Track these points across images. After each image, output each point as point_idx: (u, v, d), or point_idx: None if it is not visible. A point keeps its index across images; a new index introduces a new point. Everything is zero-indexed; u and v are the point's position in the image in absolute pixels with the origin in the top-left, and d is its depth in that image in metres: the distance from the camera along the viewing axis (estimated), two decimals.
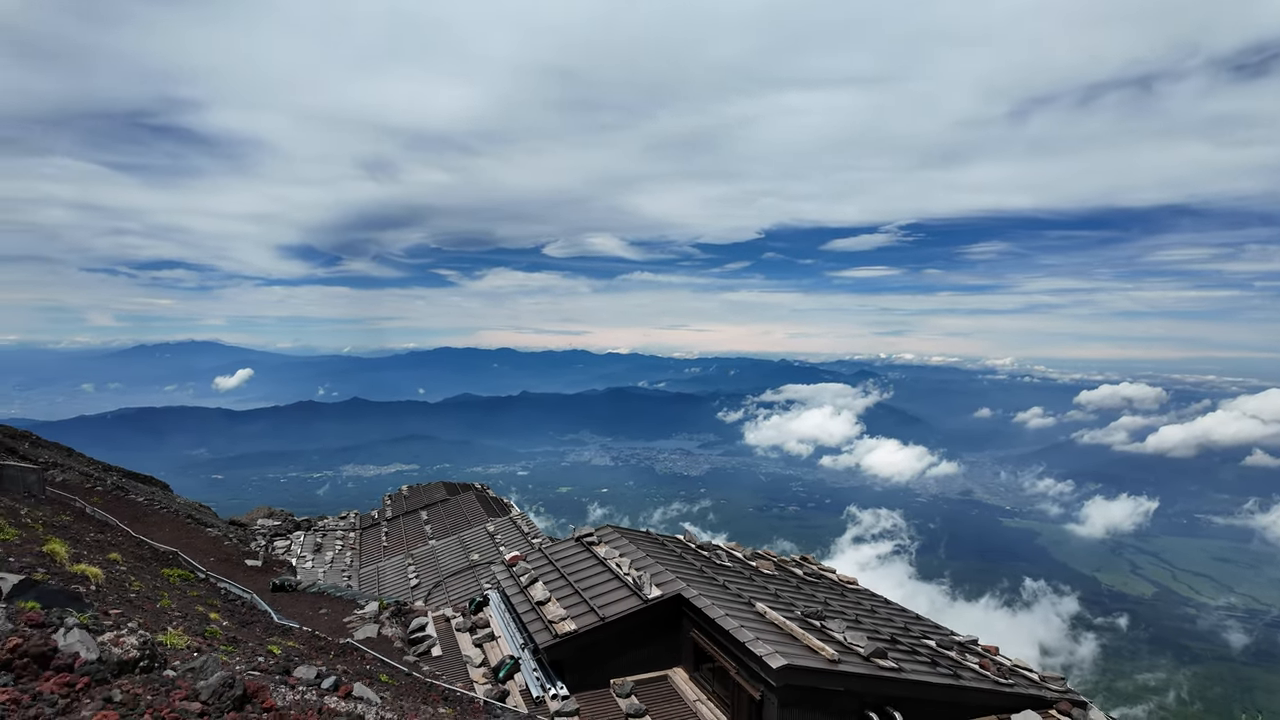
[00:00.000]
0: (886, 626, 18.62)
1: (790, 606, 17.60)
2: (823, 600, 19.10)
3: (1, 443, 34.52)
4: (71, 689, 3.00)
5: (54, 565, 12.00)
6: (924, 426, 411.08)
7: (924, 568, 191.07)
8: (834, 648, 14.59)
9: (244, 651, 8.32)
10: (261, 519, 48.31)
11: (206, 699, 3.34)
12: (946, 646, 18.01)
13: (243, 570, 23.42)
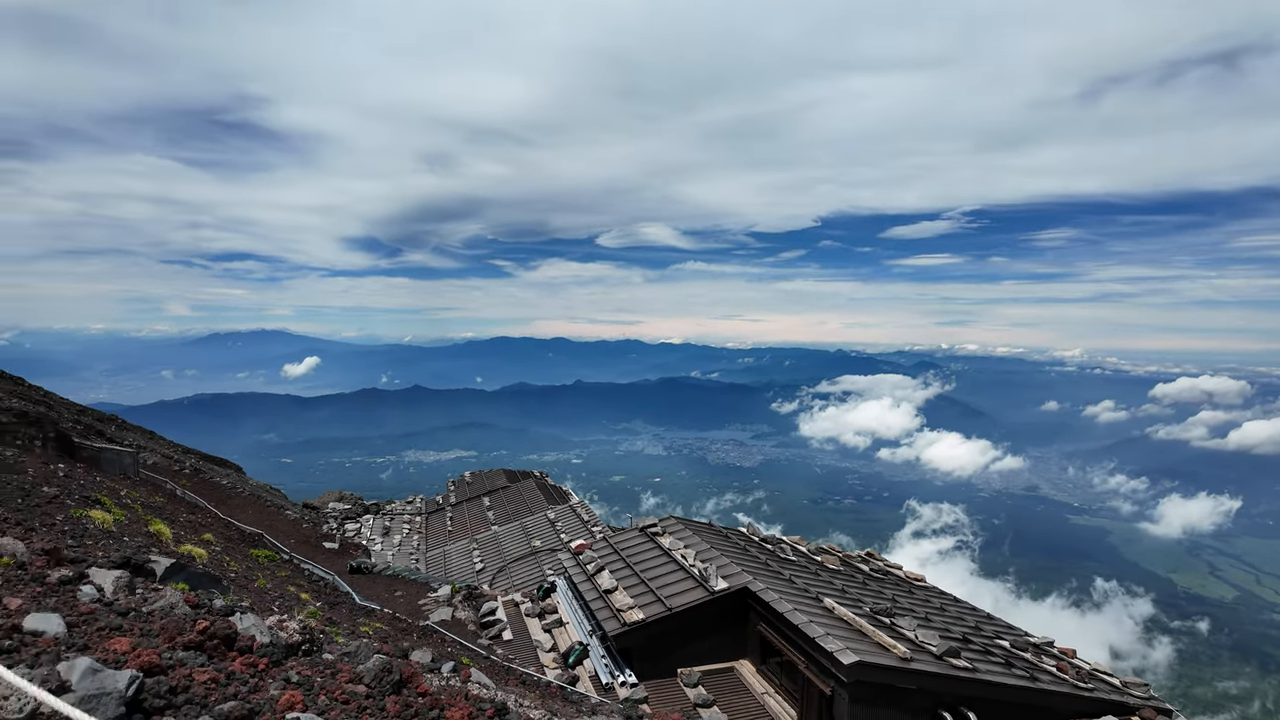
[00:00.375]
0: (957, 625, 18.27)
1: (858, 603, 17.44)
2: (890, 597, 18.85)
3: (91, 425, 36.82)
4: (255, 669, 3.27)
5: (162, 545, 12.82)
6: (987, 419, 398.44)
7: (987, 565, 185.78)
8: (905, 645, 14.41)
9: (343, 633, 8.77)
10: (333, 502, 50.32)
11: (369, 682, 3.60)
12: (1021, 648, 17.58)
13: (321, 552, 24.48)
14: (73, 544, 9.16)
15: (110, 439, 36.40)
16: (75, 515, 12.08)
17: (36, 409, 33.05)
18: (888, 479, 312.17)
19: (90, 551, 8.66)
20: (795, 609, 15.19)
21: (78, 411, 39.20)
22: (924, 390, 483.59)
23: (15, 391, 35.23)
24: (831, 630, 14.41)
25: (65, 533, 9.72)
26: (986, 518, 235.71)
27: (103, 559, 4.66)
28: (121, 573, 3.71)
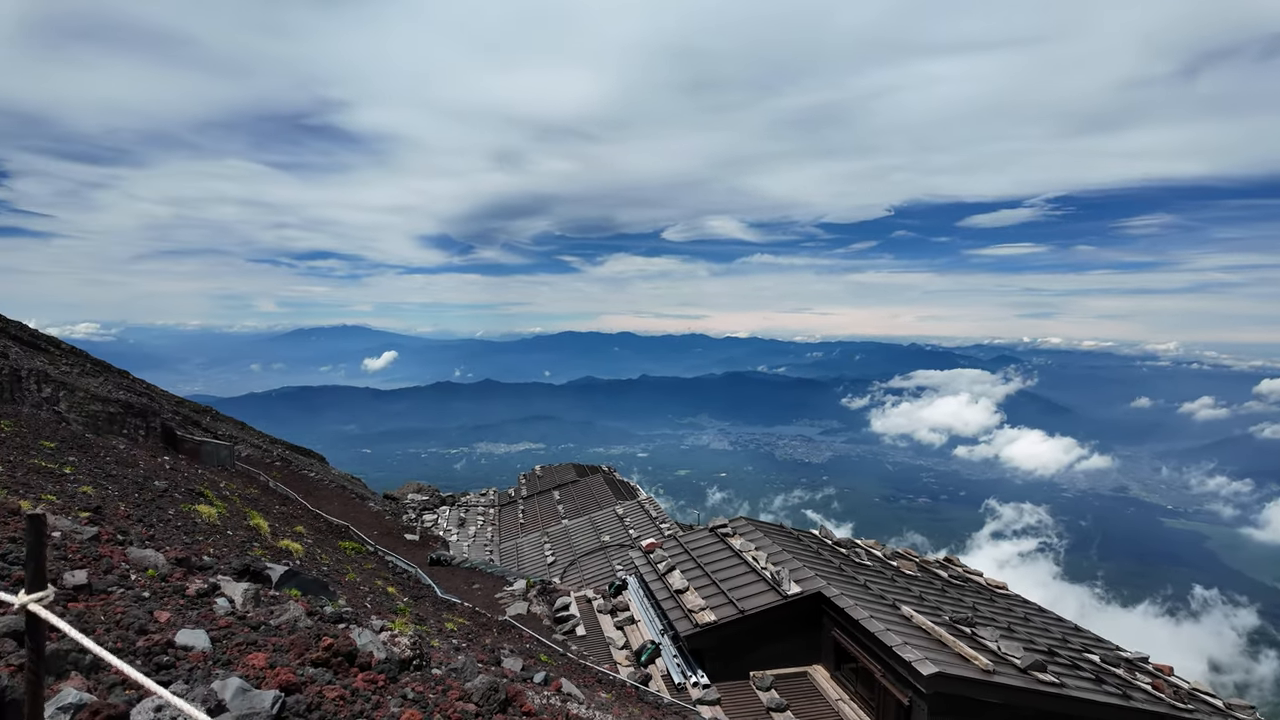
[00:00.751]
0: (1043, 637, 17.56)
1: (936, 611, 16.99)
2: (970, 605, 18.28)
3: (189, 416, 39.34)
4: (375, 686, 3.51)
5: (261, 538, 13.65)
6: (1072, 416, 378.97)
7: (1072, 568, 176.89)
8: (987, 657, 13.97)
9: (431, 630, 9.16)
10: (411, 494, 52.22)
11: (478, 700, 3.80)
12: (1112, 663, 16.77)
13: (403, 544, 25.49)
14: (185, 540, 9.88)
15: (206, 429, 38.89)
16: (184, 510, 12.99)
17: (140, 400, 35.61)
18: (964, 477, 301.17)
19: (202, 549, 9.32)
20: (871, 616, 14.92)
21: (176, 403, 42.01)
22: (1004, 385, 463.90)
23: (122, 384, 38.05)
24: (909, 639, 14.10)
25: (179, 529, 10.48)
26: (1072, 519, 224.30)
27: (225, 566, 5.06)
28: (249, 585, 4.03)
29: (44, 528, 1.86)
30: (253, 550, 10.57)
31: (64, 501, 8.89)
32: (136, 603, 3.31)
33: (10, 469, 10.52)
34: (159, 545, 5.11)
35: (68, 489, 10.56)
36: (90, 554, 3.80)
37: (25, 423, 19.82)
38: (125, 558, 3.96)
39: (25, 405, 30.12)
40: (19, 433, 17.06)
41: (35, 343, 36.34)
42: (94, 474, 14.50)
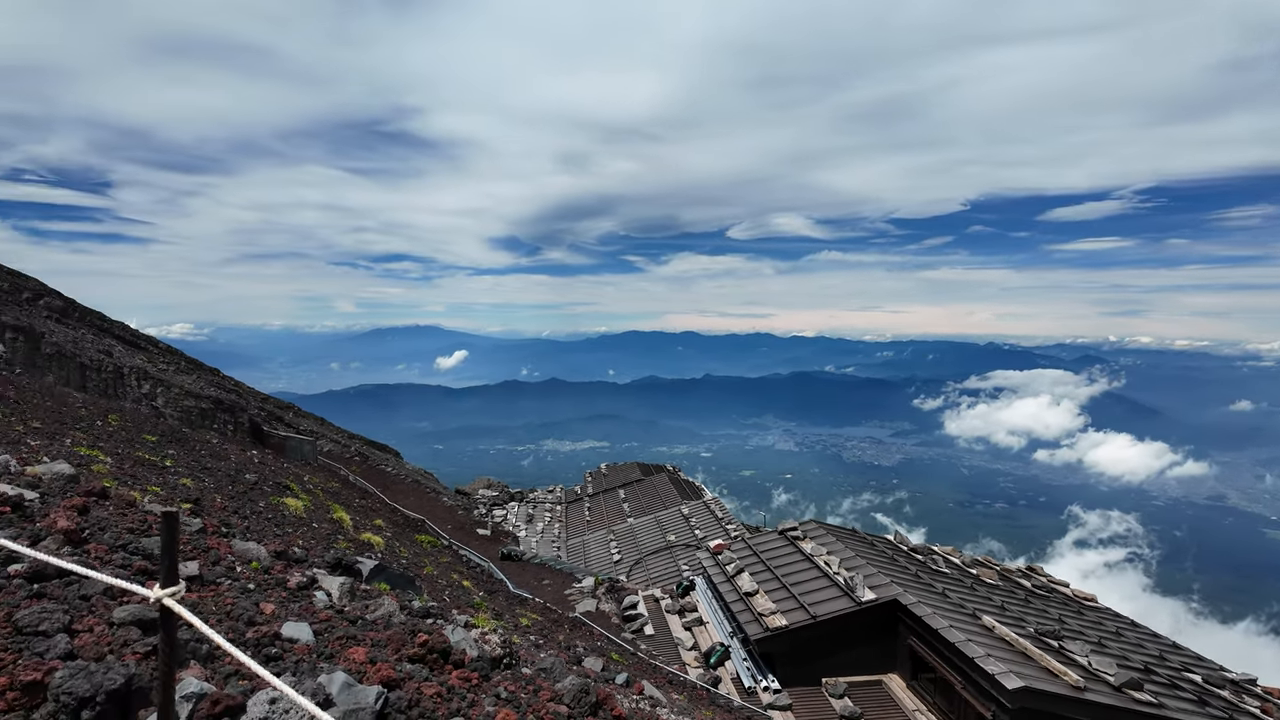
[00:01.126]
0: (1136, 653, 16.56)
1: (1020, 622, 16.24)
2: (1056, 617, 17.39)
3: (273, 412, 41.34)
4: (470, 684, 3.59)
5: (344, 531, 14.20)
6: (1163, 420, 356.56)
7: (1165, 581, 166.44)
8: (1077, 672, 13.25)
9: (507, 625, 9.32)
10: (482, 489, 53.49)
11: (569, 702, 3.84)
12: (1216, 684, 15.68)
13: (475, 538, 26.09)
14: (277, 531, 10.35)
15: (289, 425, 40.79)
16: (273, 502, 13.63)
17: (229, 396, 37.64)
18: (1044, 482, 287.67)
19: (292, 540, 9.73)
20: (951, 626, 14.38)
21: (262, 399, 44.26)
22: (1088, 387, 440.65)
23: (213, 381, 40.32)
24: (992, 651, 13.52)
25: (269, 520, 11.00)
26: (1165, 528, 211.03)
27: (318, 559, 5.27)
28: (344, 579, 4.17)
29: (177, 525, 1.94)
30: (338, 543, 10.98)
31: (167, 493, 9.43)
32: (243, 595, 3.46)
33: (119, 461, 11.23)
34: (259, 538, 5.34)
35: (169, 481, 11.21)
36: (199, 546, 4.00)
37: (129, 417, 21.14)
38: (230, 550, 4.15)
39: (127, 400, 32.25)
40: (124, 427, 18.19)
41: (136, 342, 38.91)
42: (191, 466, 15.36)
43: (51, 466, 4.78)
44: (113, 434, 15.76)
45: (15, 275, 34.93)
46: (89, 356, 32.09)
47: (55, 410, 16.45)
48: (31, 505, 3.37)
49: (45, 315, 33.72)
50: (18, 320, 30.16)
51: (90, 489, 3.97)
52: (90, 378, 31.32)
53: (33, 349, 27.44)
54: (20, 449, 8.58)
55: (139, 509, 4.20)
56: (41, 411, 15.37)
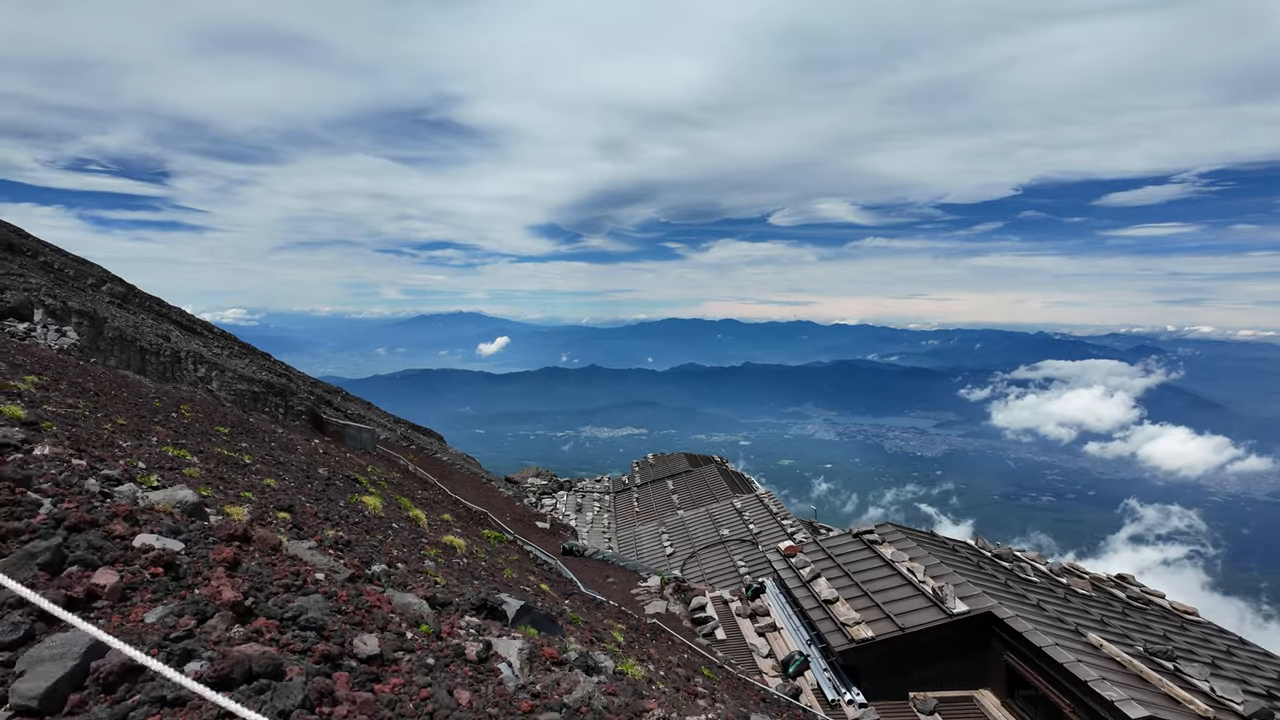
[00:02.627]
0: (1255, 675, 15.37)
1: (1124, 639, 15.20)
2: (1161, 634, 16.27)
3: (321, 396, 41.71)
4: None
5: (424, 532, 13.88)
6: (1225, 413, 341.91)
7: (1228, 580, 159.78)
8: (1202, 700, 12.24)
9: (588, 635, 8.81)
10: (531, 478, 53.58)
11: None
12: None
13: (535, 532, 25.83)
14: (372, 541, 9.99)
15: (337, 409, 41.18)
16: (352, 501, 13.37)
17: (280, 380, 38.08)
18: (1095, 476, 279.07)
19: (394, 557, 9.33)
20: (1057, 644, 13.45)
21: (311, 384, 44.78)
22: (1144, 378, 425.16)
23: (265, 365, 40.89)
24: (1105, 674, 12.58)
25: (356, 524, 10.67)
26: (1232, 525, 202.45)
27: (464, 602, 4.77)
28: (521, 644, 3.63)
29: None
30: (424, 549, 10.61)
31: (259, 498, 9.10)
32: (426, 673, 2.94)
33: (204, 460, 11.01)
34: (407, 585, 4.88)
35: (254, 482, 10.94)
36: (359, 603, 3.50)
37: (199, 407, 21.21)
38: (391, 607, 3.66)
39: (184, 383, 32.81)
40: (196, 418, 18.18)
41: (192, 327, 39.66)
42: (267, 462, 15.20)
43: (173, 494, 4.34)
44: (188, 427, 15.69)
45: (81, 262, 35.84)
46: (148, 341, 32.74)
47: (132, 402, 16.46)
48: (182, 563, 2.88)
49: (108, 301, 34.52)
50: (83, 306, 30.86)
51: (231, 532, 3.50)
52: (149, 362, 31.99)
53: (96, 334, 28.05)
54: (115, 451, 8.31)
55: (283, 554, 3.73)
56: (120, 404, 15.34)
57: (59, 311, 25.78)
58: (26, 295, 23.98)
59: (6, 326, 20.93)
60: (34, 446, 4.42)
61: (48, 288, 27.94)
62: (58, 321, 28.37)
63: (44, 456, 4.25)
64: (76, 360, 21.00)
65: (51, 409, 10.30)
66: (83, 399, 13.65)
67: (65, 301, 26.85)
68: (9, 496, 3.08)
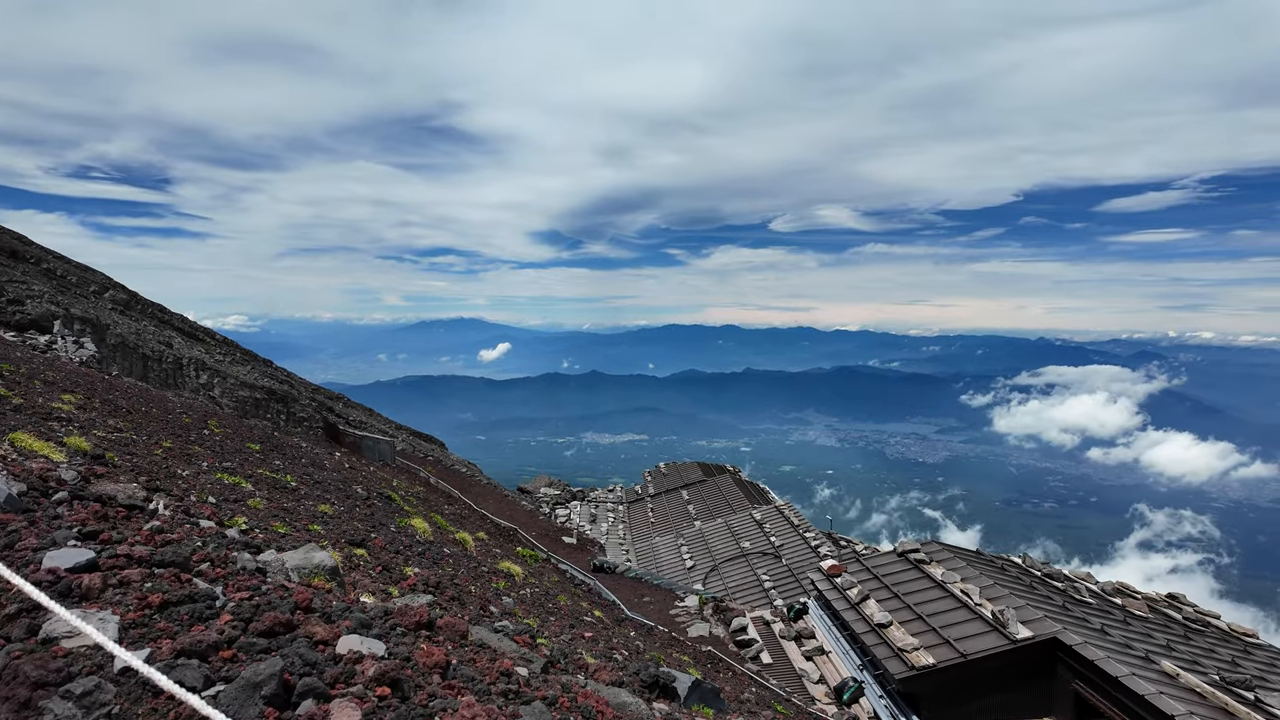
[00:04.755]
0: None
1: (1195, 665, 14.66)
2: (1230, 659, 15.74)
3: (323, 403, 41.15)
4: None
5: (473, 555, 13.36)
6: (1227, 419, 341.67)
7: (1239, 587, 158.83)
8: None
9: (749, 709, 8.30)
10: (544, 487, 52.94)
11: None
12: None
13: (562, 547, 25.29)
14: (453, 576, 9.47)
15: (338, 414, 40.69)
16: (402, 525, 12.86)
17: (282, 387, 37.58)
18: (1097, 482, 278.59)
19: (470, 595, 8.81)
20: (1133, 673, 12.92)
21: (312, 390, 44.20)
22: (1146, 384, 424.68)
23: (266, 372, 40.38)
24: (1190, 707, 12.05)
25: (420, 554, 10.16)
26: (1245, 532, 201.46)
27: (634, 681, 4.29)
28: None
29: None
30: (491, 580, 10.09)
31: (327, 530, 8.60)
32: None
33: (257, 485, 10.51)
34: (589, 669, 4.37)
35: (310, 509, 10.43)
36: (571, 698, 2.98)
37: (228, 423, 20.70)
38: (601, 701, 3.14)
39: (185, 390, 32.36)
40: (227, 435, 17.68)
41: (194, 334, 39.21)
42: (306, 481, 14.70)
43: (309, 557, 3.86)
44: (223, 445, 15.20)
45: (84, 269, 35.47)
46: (150, 348, 32.32)
47: (163, 419, 15.96)
48: (401, 677, 2.38)
49: (110, 308, 34.11)
50: (85, 313, 30.45)
51: (419, 620, 3.03)
52: (151, 369, 31.56)
53: (99, 341, 27.64)
54: (178, 483, 7.81)
55: (473, 643, 3.25)
56: (154, 422, 14.85)
57: (64, 318, 25.29)
58: (47, 308, 23.51)
59: (29, 339, 20.44)
60: (152, 500, 3.94)
61: (50, 294, 27.50)
62: (74, 333, 27.90)
63: (167, 519, 3.76)
64: (100, 374, 20.51)
65: (100, 434, 9.82)
66: (120, 418, 13.16)
67: (68, 309, 26.39)
68: (181, 591, 2.60)
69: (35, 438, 6.39)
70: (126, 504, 3.62)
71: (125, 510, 3.53)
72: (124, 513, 3.49)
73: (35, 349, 20.30)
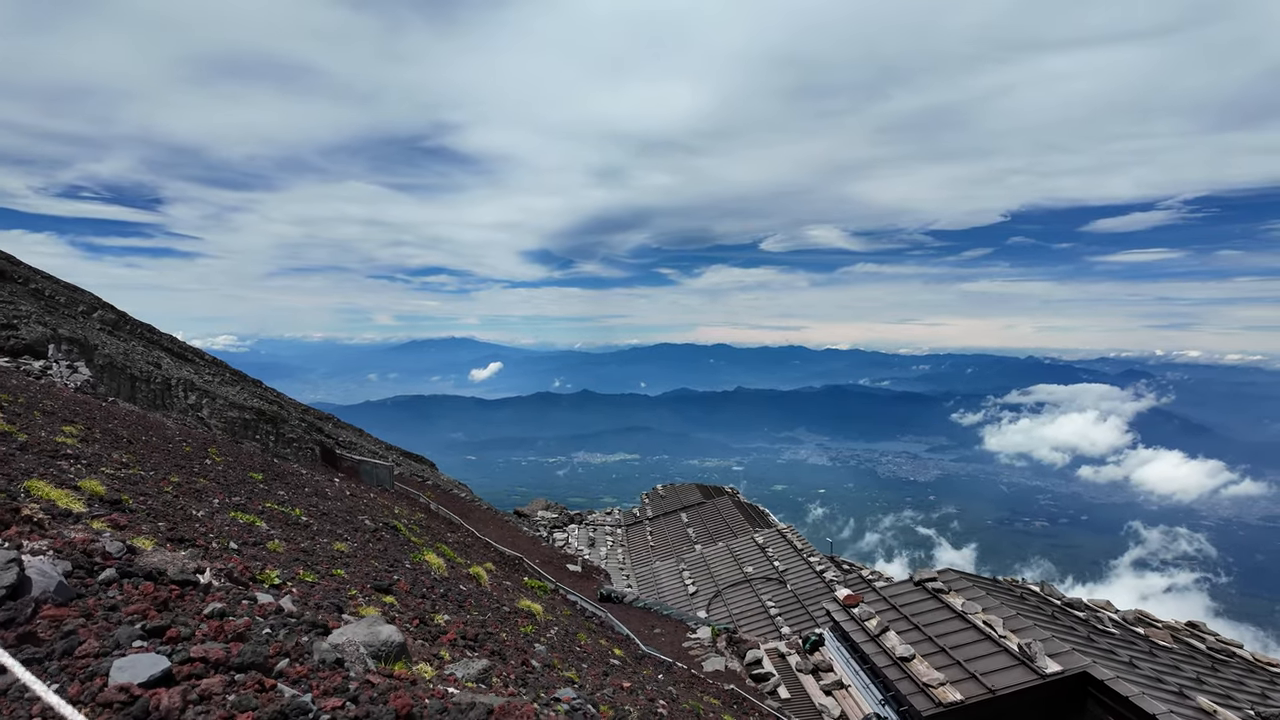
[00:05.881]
0: None
1: (1228, 699, 14.32)
2: (1259, 692, 15.40)
3: (313, 424, 40.48)
4: None
5: (488, 592, 12.89)
6: (1215, 437, 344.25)
7: (1238, 606, 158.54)
8: None
9: None
10: (541, 510, 52.25)
11: None
12: None
13: (568, 575, 24.73)
14: (471, 619, 9.02)
15: (328, 435, 40.03)
16: (415, 560, 12.39)
17: (271, 408, 36.96)
18: (1088, 500, 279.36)
19: (517, 658, 8.37)
20: (1171, 710, 12.56)
21: (302, 410, 43.50)
22: (1134, 402, 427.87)
23: (256, 392, 39.74)
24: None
25: (439, 595, 9.71)
26: (1245, 551, 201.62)
27: None
28: None
29: None
30: (516, 623, 9.65)
31: (350, 574, 8.16)
32: None
33: (270, 522, 10.05)
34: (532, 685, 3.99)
35: (324, 547, 9.98)
36: None
37: (225, 450, 20.18)
38: None
39: (174, 410, 31.73)
40: (228, 464, 17.18)
41: (183, 354, 38.61)
42: (313, 513, 14.22)
43: (375, 632, 3.49)
44: (226, 476, 14.71)
45: (72, 289, 34.99)
46: (138, 369, 31.77)
47: (165, 449, 15.46)
48: None
49: (98, 328, 33.58)
50: (74, 333, 29.90)
51: None
52: (139, 389, 31.00)
53: (87, 361, 27.10)
54: (196, 527, 7.38)
55: None
56: (156, 453, 14.36)
57: (53, 339, 24.74)
58: (40, 331, 22.97)
59: (23, 365, 19.89)
60: (201, 570, 3.56)
61: (38, 315, 26.95)
62: (66, 356, 27.32)
63: (222, 594, 3.38)
64: (97, 401, 19.95)
65: (108, 470, 9.37)
66: (123, 450, 12.69)
67: (56, 329, 25.85)
68: (271, 706, 2.21)
69: (51, 485, 5.98)
70: (178, 579, 3.23)
71: (178, 588, 3.14)
72: (177, 590, 3.10)
73: (30, 375, 19.75)
